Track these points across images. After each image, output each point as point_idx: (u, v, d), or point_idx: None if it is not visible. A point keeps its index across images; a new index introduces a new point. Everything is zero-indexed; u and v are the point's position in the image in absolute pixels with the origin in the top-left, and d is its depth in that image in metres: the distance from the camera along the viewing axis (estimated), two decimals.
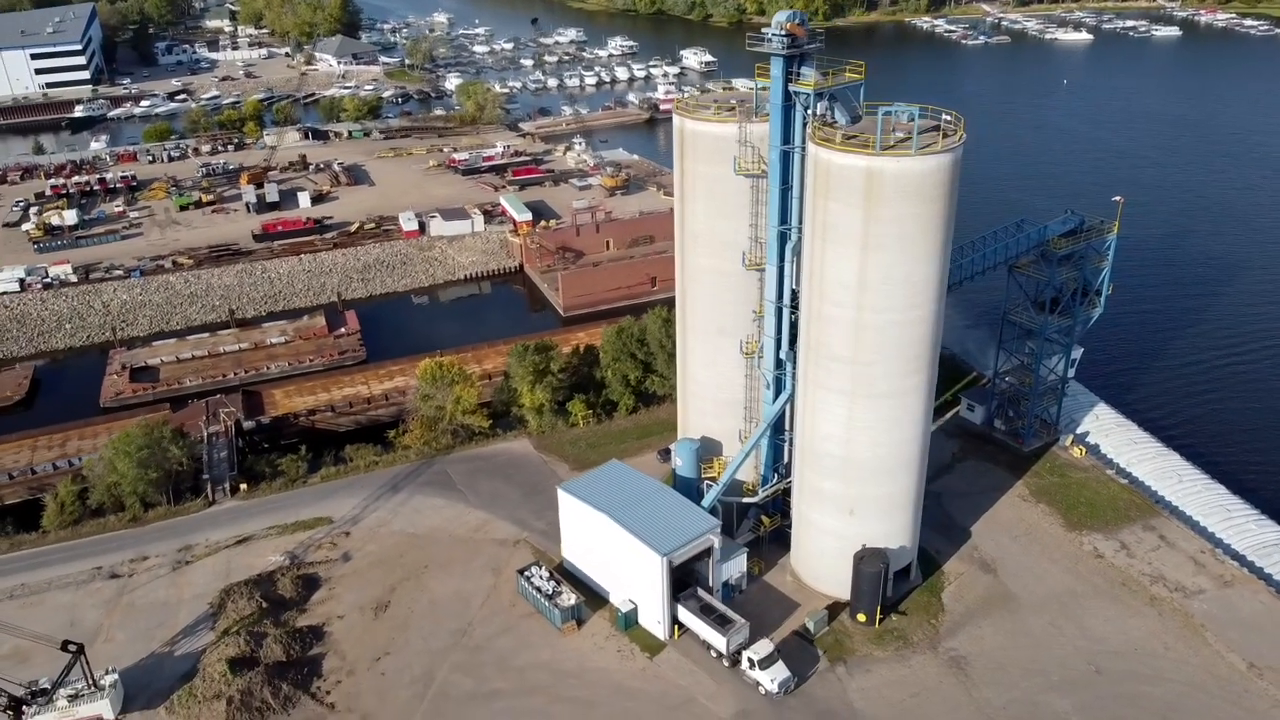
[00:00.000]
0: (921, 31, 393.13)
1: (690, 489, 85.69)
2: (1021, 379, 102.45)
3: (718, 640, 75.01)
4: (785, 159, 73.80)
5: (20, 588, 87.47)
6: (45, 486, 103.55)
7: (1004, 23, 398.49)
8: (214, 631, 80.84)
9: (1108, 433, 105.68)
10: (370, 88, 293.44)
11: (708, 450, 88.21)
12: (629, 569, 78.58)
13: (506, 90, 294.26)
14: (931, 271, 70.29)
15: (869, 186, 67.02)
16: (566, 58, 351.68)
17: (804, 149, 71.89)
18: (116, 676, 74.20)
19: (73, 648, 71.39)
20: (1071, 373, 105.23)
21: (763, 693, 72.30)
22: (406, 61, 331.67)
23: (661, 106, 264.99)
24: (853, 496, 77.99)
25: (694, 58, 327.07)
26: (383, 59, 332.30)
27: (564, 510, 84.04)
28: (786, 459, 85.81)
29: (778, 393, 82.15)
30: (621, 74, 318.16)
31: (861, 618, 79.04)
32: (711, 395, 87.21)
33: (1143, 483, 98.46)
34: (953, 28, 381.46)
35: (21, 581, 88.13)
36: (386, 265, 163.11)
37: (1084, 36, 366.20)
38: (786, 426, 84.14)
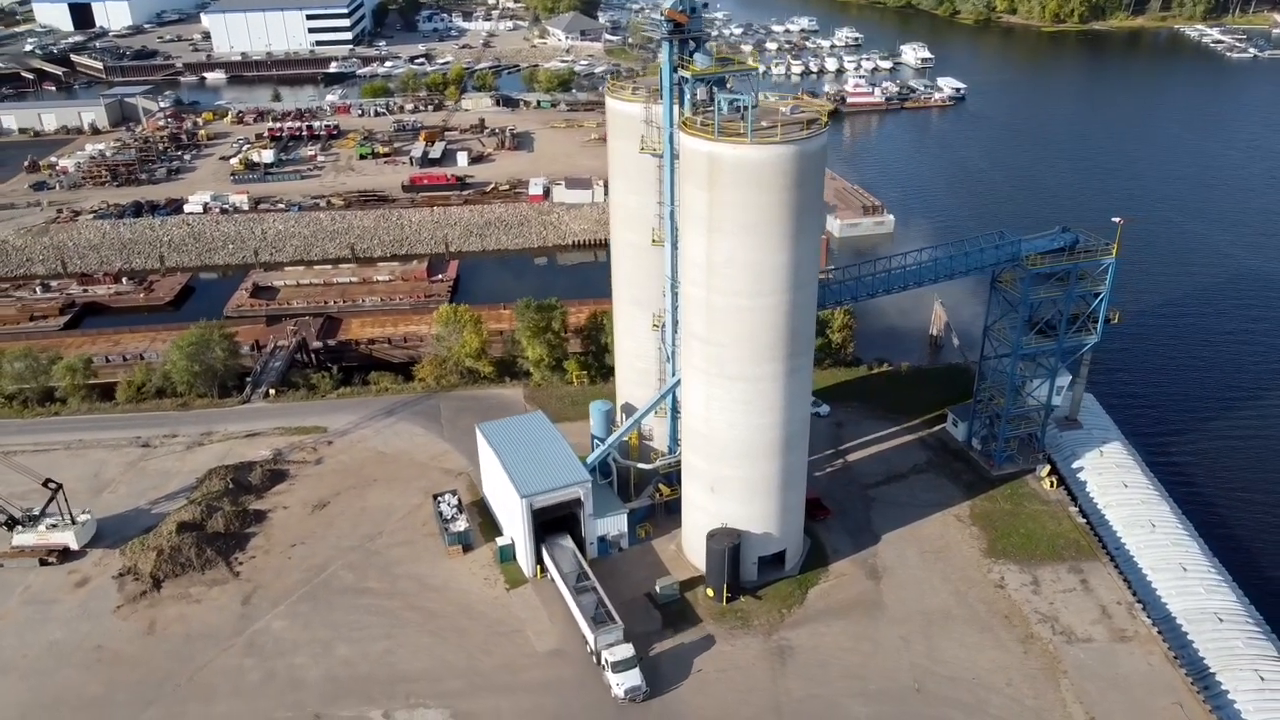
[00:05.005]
0: (1189, 41, 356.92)
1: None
2: (997, 399, 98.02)
3: (589, 636, 75.65)
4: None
5: (77, 442, 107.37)
6: (151, 369, 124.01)
7: None
8: (187, 500, 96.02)
9: (1102, 470, 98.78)
10: (585, 63, 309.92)
11: (629, 415, 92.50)
12: (508, 507, 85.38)
13: None
14: (781, 261, 71.18)
15: (711, 170, 69.29)
16: (788, 45, 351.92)
17: None
18: (89, 517, 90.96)
19: (52, 485, 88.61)
20: (1058, 400, 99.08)
21: (611, 695, 72.50)
22: (628, 40, 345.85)
23: (848, 100, 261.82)
24: (713, 474, 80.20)
25: (912, 53, 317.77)
26: (607, 37, 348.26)
27: (480, 448, 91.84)
28: None
29: (676, 366, 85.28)
30: (831, 64, 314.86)
31: (709, 593, 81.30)
32: (630, 363, 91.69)
33: (1109, 526, 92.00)
34: (1222, 38, 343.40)
35: (80, 438, 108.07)
36: (505, 224, 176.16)
37: None
38: None
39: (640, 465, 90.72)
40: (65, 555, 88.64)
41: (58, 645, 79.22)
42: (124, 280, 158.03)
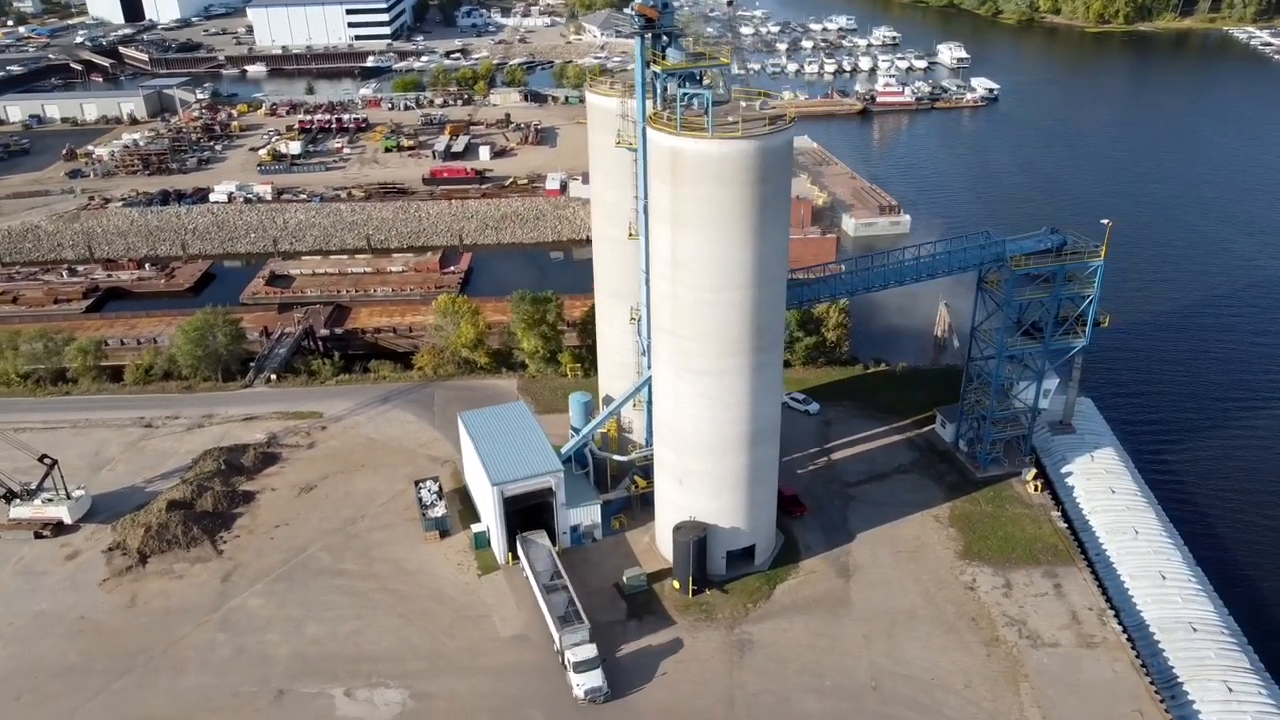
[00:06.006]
0: (1238, 43, 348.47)
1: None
2: (983, 401, 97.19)
3: (555, 635, 75.56)
4: None
5: (84, 420, 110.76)
6: (158, 353, 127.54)
7: None
8: (180, 479, 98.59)
9: (1090, 475, 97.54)
10: (618, 59, 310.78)
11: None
12: (483, 494, 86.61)
13: (741, 72, 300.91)
14: (745, 256, 71.41)
15: (674, 164, 69.86)
16: (824, 44, 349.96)
17: None
18: (84, 492, 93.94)
19: (47, 461, 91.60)
20: (1044, 403, 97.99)
21: (572, 695, 72.35)
22: None
23: (878, 99, 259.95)
24: (682, 468, 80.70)
25: (948, 53, 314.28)
26: None
27: (462, 436, 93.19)
28: None
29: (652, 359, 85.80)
30: (865, 63, 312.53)
31: (675, 585, 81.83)
32: (610, 356, 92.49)
33: (1092, 531, 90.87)
34: (1272, 40, 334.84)
35: (86, 417, 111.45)
36: (520, 218, 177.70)
37: None
38: None
39: (616, 457, 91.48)
40: (59, 529, 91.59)
41: (44, 615, 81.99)
42: (147, 266, 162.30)
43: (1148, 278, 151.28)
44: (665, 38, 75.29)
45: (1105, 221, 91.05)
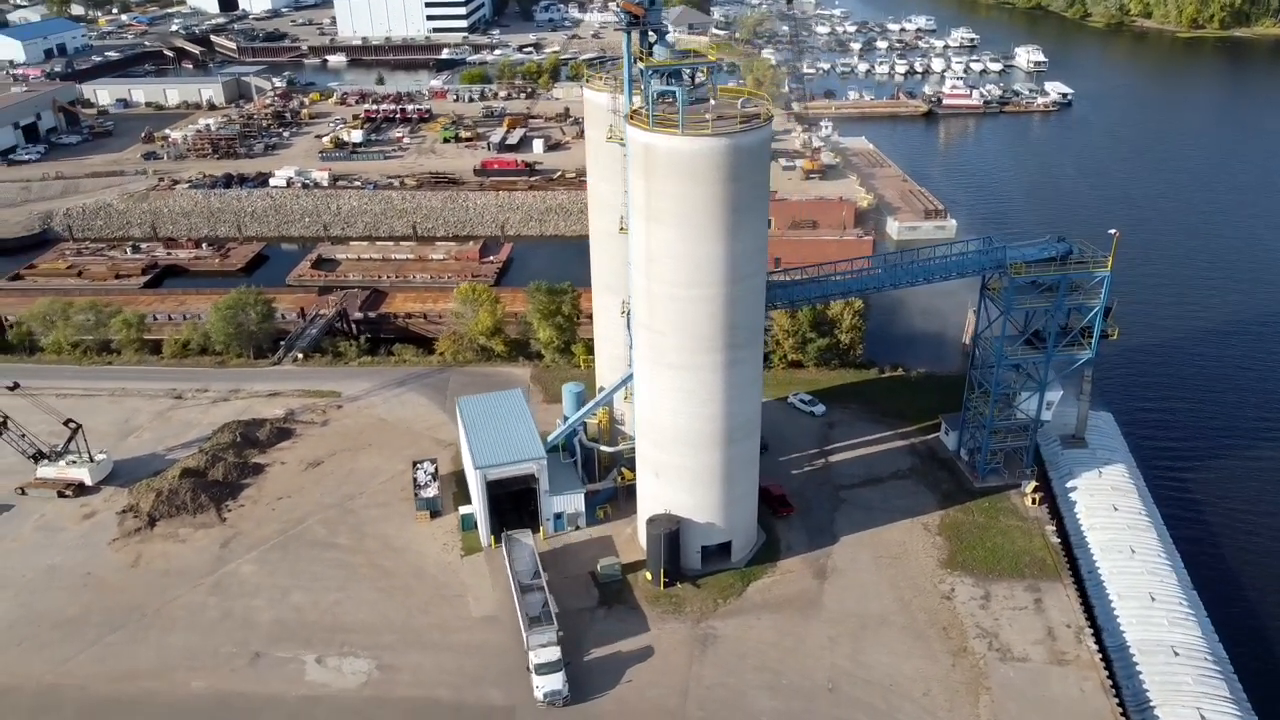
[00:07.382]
0: None
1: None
2: (984, 410, 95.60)
3: (523, 634, 75.85)
4: None
5: (120, 389, 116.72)
6: (196, 328, 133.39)
7: None
8: (198, 449, 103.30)
9: (1094, 491, 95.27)
10: None
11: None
12: (471, 478, 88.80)
13: (812, 71, 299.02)
14: (717, 253, 71.93)
15: (647, 160, 70.77)
16: (899, 45, 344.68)
17: None
18: (106, 456, 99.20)
19: (72, 425, 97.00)
20: (1047, 415, 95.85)
21: (534, 696, 72.33)
22: (736, 35, 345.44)
23: (944, 101, 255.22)
24: (659, 461, 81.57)
25: (1025, 56, 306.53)
26: (714, 31, 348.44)
27: (459, 421, 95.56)
28: None
29: None
30: (938, 65, 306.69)
31: (647, 577, 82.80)
32: (605, 348, 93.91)
33: (1087, 548, 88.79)
34: None
35: (123, 386, 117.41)
36: (564, 211, 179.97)
37: None
38: None
39: (604, 448, 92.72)
40: (81, 490, 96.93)
41: (55, 569, 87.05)
42: (204, 246, 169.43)
43: (1199, 290, 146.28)
44: (653, 34, 76.06)
45: (1112, 231, 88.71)
